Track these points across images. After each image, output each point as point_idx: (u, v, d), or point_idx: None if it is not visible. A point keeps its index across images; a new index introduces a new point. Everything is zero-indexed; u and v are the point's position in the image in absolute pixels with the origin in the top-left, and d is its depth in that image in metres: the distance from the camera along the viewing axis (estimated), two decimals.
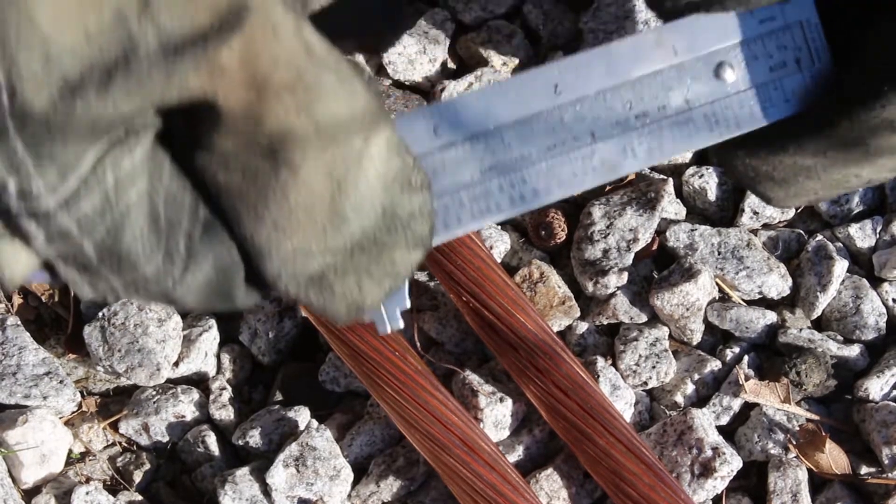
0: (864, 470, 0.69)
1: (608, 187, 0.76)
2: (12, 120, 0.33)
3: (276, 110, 0.38)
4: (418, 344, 0.72)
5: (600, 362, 0.71)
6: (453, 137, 0.45)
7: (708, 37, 0.45)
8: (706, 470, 0.67)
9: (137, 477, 0.74)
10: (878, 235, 0.75)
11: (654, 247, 0.74)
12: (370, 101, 0.40)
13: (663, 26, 0.44)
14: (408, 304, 0.46)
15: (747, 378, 0.71)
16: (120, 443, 0.76)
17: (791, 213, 0.76)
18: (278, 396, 0.76)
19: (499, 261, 0.74)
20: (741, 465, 0.69)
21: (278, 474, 0.69)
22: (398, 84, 0.79)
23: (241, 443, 0.73)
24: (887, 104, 0.44)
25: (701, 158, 0.79)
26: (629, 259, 0.72)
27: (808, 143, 0.47)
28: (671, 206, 0.75)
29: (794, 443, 0.69)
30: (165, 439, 0.75)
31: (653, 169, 0.78)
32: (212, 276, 0.42)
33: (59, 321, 0.79)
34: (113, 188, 0.37)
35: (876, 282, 0.75)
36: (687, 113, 0.46)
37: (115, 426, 0.76)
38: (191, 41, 0.35)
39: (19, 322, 0.76)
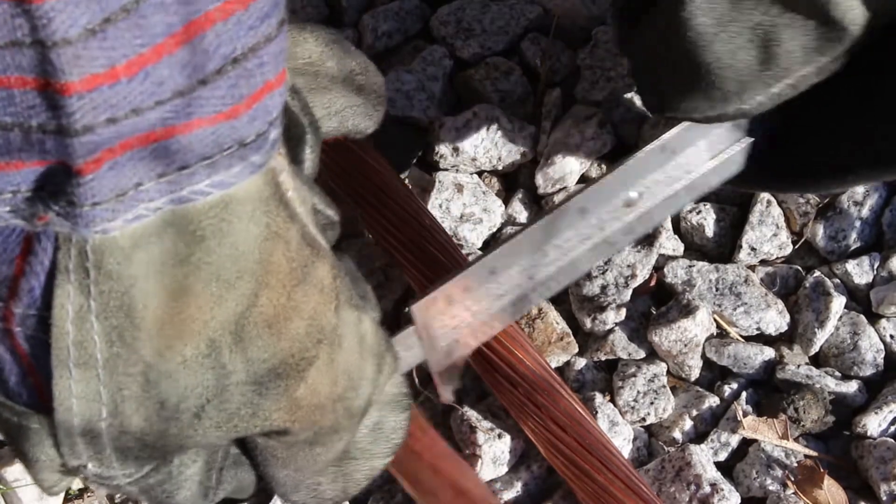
0: None
1: None
2: (108, 430, 0.37)
3: (327, 419, 0.44)
4: (417, 380, 0.72)
5: (598, 398, 0.71)
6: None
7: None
8: None
9: None
10: (875, 272, 0.75)
11: (653, 283, 0.75)
12: (391, 366, 0.48)
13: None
14: None
15: (745, 414, 0.71)
16: None
17: (788, 250, 0.76)
18: None
19: None
20: (739, 501, 0.69)
21: None
22: (397, 120, 0.80)
23: None
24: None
25: None
26: (627, 295, 0.73)
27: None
28: (669, 243, 0.76)
29: (793, 479, 0.69)
30: None
31: None
32: (230, 492, 0.49)
33: None
34: (177, 468, 0.42)
35: (874, 318, 0.75)
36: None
37: None
38: (274, 374, 0.39)
39: None
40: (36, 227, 0.33)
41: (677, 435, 0.72)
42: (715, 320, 0.73)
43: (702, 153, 0.62)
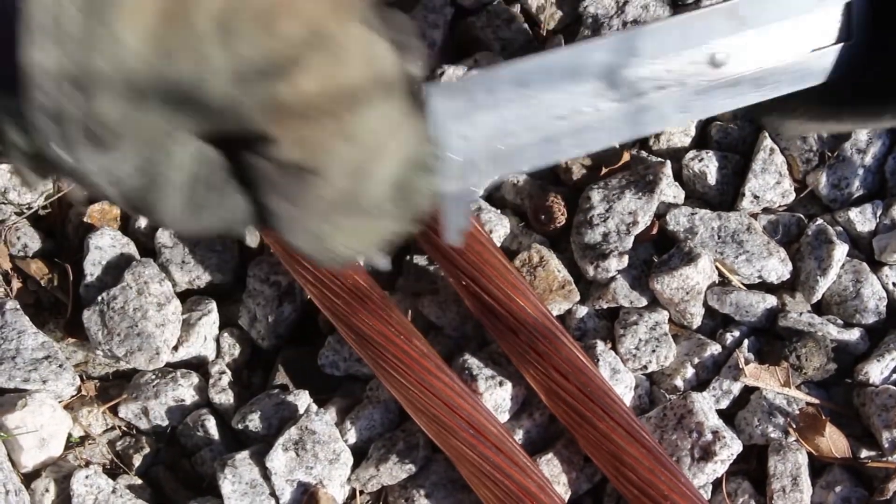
0: (863, 453, 0.69)
1: (604, 171, 0.76)
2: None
3: (317, 135, 0.41)
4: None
5: (600, 346, 0.71)
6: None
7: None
8: (706, 454, 0.67)
9: (137, 461, 0.74)
10: (878, 219, 0.75)
11: (654, 230, 0.74)
12: (402, 103, 0.44)
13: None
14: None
15: (747, 362, 0.71)
16: (119, 427, 0.76)
17: (791, 198, 0.76)
18: (278, 380, 0.76)
19: (498, 245, 0.74)
20: (741, 448, 0.69)
21: (278, 458, 0.69)
22: None
23: (240, 427, 0.73)
24: None
25: (700, 142, 0.79)
26: (629, 242, 0.72)
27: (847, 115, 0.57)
28: (670, 190, 0.75)
29: (794, 426, 0.69)
30: (165, 423, 0.75)
31: (650, 152, 0.78)
32: (222, 219, 0.45)
33: (58, 305, 0.79)
34: (159, 167, 0.40)
35: (876, 266, 0.74)
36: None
37: (114, 410, 0.76)
38: (259, 73, 0.37)
39: (18, 306, 0.76)
40: None
41: (679, 383, 0.72)
42: (717, 268, 0.73)
43: (785, 31, 0.53)
